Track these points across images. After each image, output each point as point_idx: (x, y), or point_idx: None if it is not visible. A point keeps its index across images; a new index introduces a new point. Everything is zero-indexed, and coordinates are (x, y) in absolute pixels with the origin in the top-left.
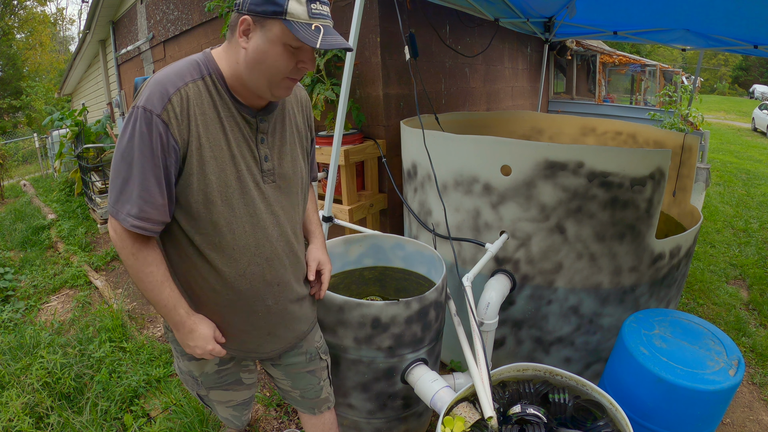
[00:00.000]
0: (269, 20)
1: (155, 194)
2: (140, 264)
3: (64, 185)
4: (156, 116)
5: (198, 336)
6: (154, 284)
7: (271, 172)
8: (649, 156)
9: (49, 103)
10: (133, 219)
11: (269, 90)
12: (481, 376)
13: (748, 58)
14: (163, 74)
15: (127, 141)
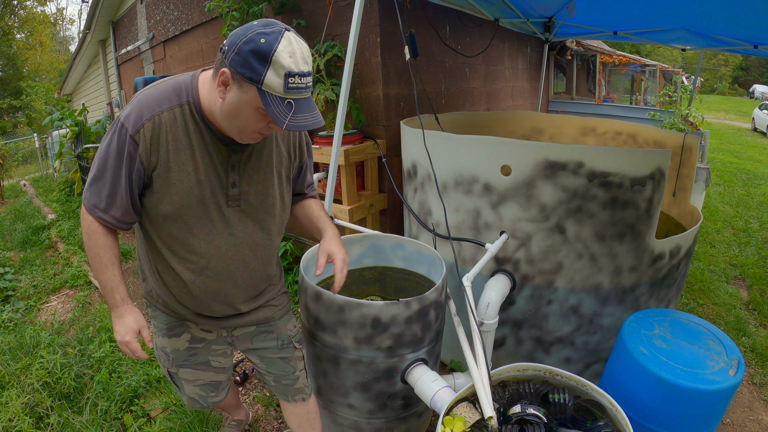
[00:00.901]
0: (246, 83)
1: (121, 199)
2: (92, 244)
3: (64, 185)
4: (129, 136)
5: (123, 323)
6: (99, 265)
7: (236, 198)
8: (649, 156)
9: (49, 103)
10: (100, 212)
11: (239, 137)
12: (481, 376)
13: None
14: (147, 95)
15: (106, 146)
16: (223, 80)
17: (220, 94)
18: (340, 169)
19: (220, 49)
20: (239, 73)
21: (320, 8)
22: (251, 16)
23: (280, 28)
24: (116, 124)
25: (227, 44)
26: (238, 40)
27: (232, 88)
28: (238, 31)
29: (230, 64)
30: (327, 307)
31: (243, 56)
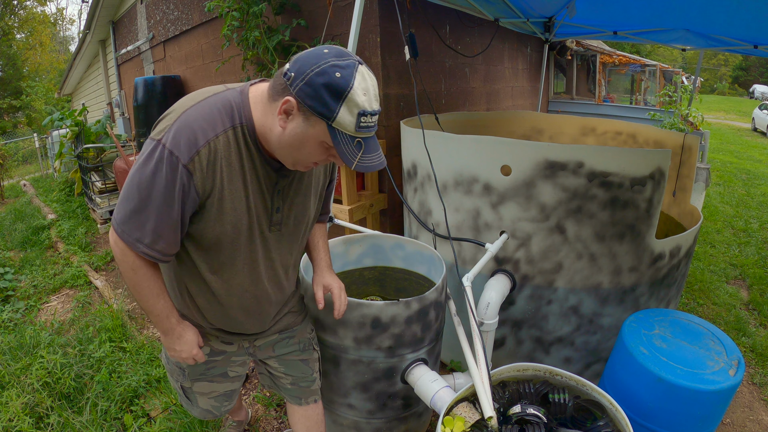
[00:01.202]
0: (315, 116)
1: (168, 233)
2: (139, 278)
3: (64, 185)
4: (182, 165)
5: (185, 341)
6: (150, 296)
7: (278, 222)
8: (649, 156)
9: (49, 103)
10: (144, 247)
11: (293, 166)
12: (481, 376)
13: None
14: (196, 115)
15: (150, 175)
16: (287, 109)
17: (280, 122)
18: (340, 170)
19: (284, 74)
20: (308, 106)
21: (320, 8)
22: (251, 16)
23: (353, 60)
24: (160, 150)
25: (294, 71)
26: (309, 70)
27: (296, 118)
28: (307, 58)
29: (297, 94)
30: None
31: (314, 89)
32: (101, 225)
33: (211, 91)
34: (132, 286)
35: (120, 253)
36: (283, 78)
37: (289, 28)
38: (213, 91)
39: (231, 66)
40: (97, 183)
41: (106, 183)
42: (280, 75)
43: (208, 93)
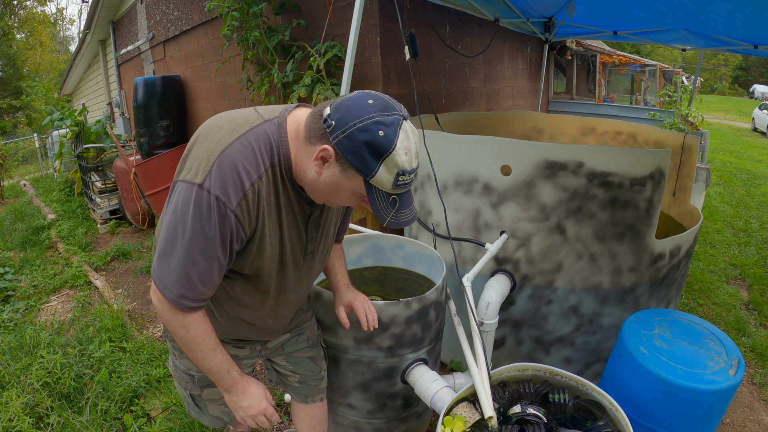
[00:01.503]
0: (352, 169)
1: (214, 278)
2: (192, 335)
3: (64, 185)
4: (231, 211)
5: (251, 395)
6: (207, 352)
7: (311, 252)
8: (649, 156)
9: (49, 103)
10: (190, 302)
11: (323, 203)
12: (481, 376)
13: (748, 58)
14: (237, 156)
15: (197, 225)
16: (324, 156)
17: (315, 168)
18: None
19: (324, 119)
20: (347, 160)
21: (320, 8)
22: (251, 16)
23: (398, 116)
24: (206, 198)
25: (335, 120)
26: (352, 123)
27: (332, 166)
28: (350, 109)
29: (336, 145)
30: (327, 306)
31: (355, 145)
32: (101, 225)
33: (247, 123)
34: (186, 345)
35: (167, 313)
36: (323, 123)
37: (289, 28)
38: (249, 123)
39: (231, 66)
40: (97, 183)
41: (106, 183)
42: (319, 117)
43: (244, 126)
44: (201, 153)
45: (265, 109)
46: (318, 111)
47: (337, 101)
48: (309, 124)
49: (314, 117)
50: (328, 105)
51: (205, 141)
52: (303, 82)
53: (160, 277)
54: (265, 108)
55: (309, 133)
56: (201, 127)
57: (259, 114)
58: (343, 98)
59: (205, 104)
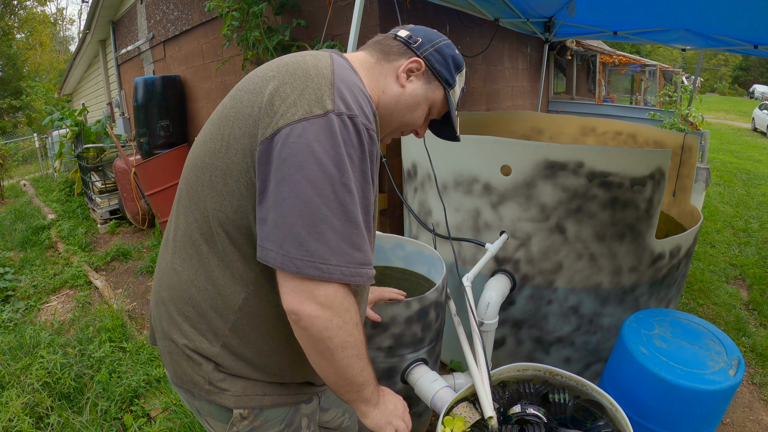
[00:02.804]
0: (437, 81)
1: (372, 228)
2: (358, 336)
3: (64, 185)
4: (374, 133)
5: (392, 399)
6: (360, 359)
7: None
8: (649, 156)
9: (49, 103)
10: (369, 268)
11: (388, 135)
12: (481, 376)
13: (748, 58)
14: (346, 74)
15: (338, 162)
16: (412, 68)
17: (402, 81)
18: None
19: (404, 39)
20: (436, 71)
21: (320, 8)
22: (251, 16)
23: None
24: (344, 123)
25: (422, 37)
26: (437, 40)
27: (416, 80)
28: (428, 31)
29: (426, 58)
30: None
31: (444, 57)
32: (101, 225)
33: (318, 55)
34: (348, 348)
35: (342, 308)
36: (400, 41)
37: (289, 28)
38: (319, 55)
39: (231, 66)
40: (97, 183)
41: (106, 183)
42: (391, 38)
43: (318, 56)
44: (306, 84)
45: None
46: (385, 36)
47: (410, 26)
48: (381, 45)
49: (384, 40)
50: (398, 29)
51: (299, 74)
52: None
53: (316, 261)
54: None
55: (384, 52)
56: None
57: (312, 54)
58: (411, 25)
59: (205, 104)
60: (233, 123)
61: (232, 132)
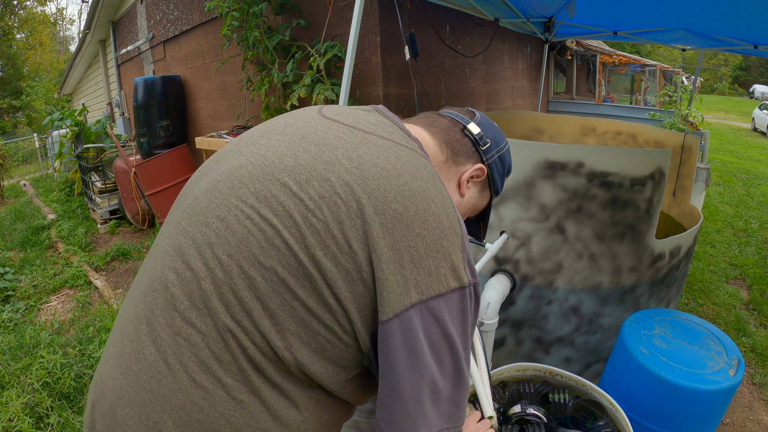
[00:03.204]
0: (489, 190)
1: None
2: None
3: (64, 185)
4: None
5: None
6: None
7: None
8: (649, 156)
9: (49, 103)
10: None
11: None
12: (481, 376)
13: (748, 58)
14: (451, 207)
15: (462, 335)
16: (477, 176)
17: (461, 190)
18: None
19: (479, 138)
20: (493, 180)
21: (320, 8)
22: (251, 16)
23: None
24: (470, 294)
25: (490, 139)
26: (502, 145)
27: (473, 186)
28: (495, 129)
29: (490, 165)
30: None
31: (504, 166)
32: (101, 225)
33: (424, 169)
34: None
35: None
36: (476, 140)
37: (289, 28)
38: (427, 169)
39: (231, 66)
40: (97, 183)
41: (106, 183)
42: (460, 131)
43: (424, 171)
44: (441, 243)
45: (391, 132)
46: (453, 122)
47: (480, 120)
48: (451, 140)
49: (452, 133)
50: (469, 120)
51: (431, 222)
52: (303, 82)
53: (448, 413)
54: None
55: (454, 150)
56: (381, 193)
57: (406, 138)
58: (478, 114)
59: (205, 104)
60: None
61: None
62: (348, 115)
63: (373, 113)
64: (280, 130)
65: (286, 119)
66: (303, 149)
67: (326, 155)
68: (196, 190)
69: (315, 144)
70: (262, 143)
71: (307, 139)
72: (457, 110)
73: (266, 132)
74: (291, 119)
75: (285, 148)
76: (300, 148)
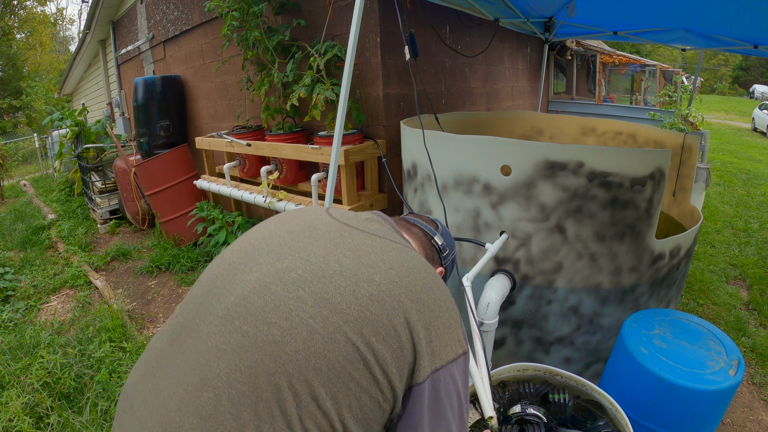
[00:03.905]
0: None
1: None
2: None
3: (64, 185)
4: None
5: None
6: None
7: None
8: (649, 156)
9: (49, 103)
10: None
11: None
12: (481, 376)
13: (748, 58)
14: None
15: (465, 399)
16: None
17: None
18: (340, 169)
19: (441, 249)
20: (445, 277)
21: (320, 8)
22: (251, 17)
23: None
24: (465, 359)
25: (449, 247)
26: (454, 251)
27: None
28: (449, 238)
29: (446, 267)
30: None
31: (454, 266)
32: (101, 225)
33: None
34: None
35: None
36: (435, 248)
37: (289, 28)
38: (430, 266)
39: (231, 66)
40: (97, 183)
41: (106, 183)
42: (430, 242)
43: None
44: (449, 319)
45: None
46: (425, 236)
47: (438, 227)
48: (425, 248)
49: (425, 241)
50: (435, 232)
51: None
52: (303, 82)
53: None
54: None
55: (427, 257)
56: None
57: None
58: (439, 225)
59: (205, 104)
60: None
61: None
62: (359, 221)
63: (376, 221)
64: (307, 233)
65: (303, 220)
66: (343, 255)
67: (365, 260)
68: (238, 288)
69: (351, 250)
70: (299, 246)
71: (340, 245)
72: (423, 220)
73: (293, 234)
74: (308, 220)
75: (325, 253)
76: (339, 254)
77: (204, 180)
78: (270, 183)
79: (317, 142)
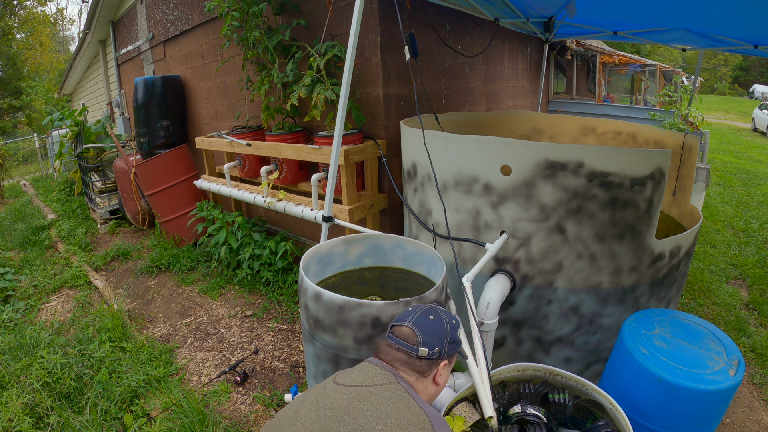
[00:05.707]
0: (455, 355)
1: None
2: None
3: (64, 185)
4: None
5: None
6: None
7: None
8: (649, 156)
9: (49, 103)
10: None
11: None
12: (481, 376)
13: (748, 58)
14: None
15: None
16: (445, 364)
17: (437, 380)
18: (340, 169)
19: (422, 357)
20: (450, 355)
21: (320, 8)
22: (251, 16)
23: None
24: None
25: (437, 345)
26: (446, 335)
27: (445, 371)
28: (435, 330)
29: (449, 354)
30: (327, 307)
31: (457, 341)
32: (101, 225)
33: (414, 404)
34: None
35: None
36: (421, 358)
37: (289, 28)
38: (415, 406)
39: (231, 66)
40: (97, 183)
41: (106, 183)
42: (415, 358)
43: (417, 410)
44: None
45: (384, 377)
46: (408, 356)
47: (419, 339)
48: (414, 366)
49: (411, 361)
50: (416, 346)
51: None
52: (303, 82)
53: None
54: (381, 375)
55: (419, 372)
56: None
57: (408, 394)
58: (419, 336)
59: (205, 104)
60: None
61: None
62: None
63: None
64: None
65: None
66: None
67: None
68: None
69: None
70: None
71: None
72: (404, 337)
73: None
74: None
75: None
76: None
77: (204, 180)
78: (270, 183)
79: (317, 142)
